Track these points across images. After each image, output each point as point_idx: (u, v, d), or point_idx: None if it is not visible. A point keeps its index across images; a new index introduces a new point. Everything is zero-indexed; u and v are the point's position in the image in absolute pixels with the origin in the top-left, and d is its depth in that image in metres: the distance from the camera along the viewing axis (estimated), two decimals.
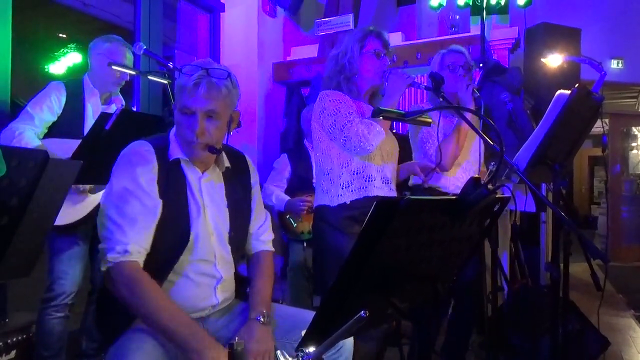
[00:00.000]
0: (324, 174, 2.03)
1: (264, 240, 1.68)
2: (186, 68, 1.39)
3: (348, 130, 1.89)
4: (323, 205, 2.01)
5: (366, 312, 0.83)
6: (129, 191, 1.35)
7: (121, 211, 1.33)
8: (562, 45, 3.44)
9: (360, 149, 1.90)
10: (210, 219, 1.48)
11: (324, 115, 1.97)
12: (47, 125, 2.22)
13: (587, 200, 11.59)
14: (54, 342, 2.17)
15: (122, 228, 1.32)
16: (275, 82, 4.30)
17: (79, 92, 2.29)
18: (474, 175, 1.05)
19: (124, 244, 1.31)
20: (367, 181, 1.98)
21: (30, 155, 1.13)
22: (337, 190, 1.98)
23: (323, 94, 2.02)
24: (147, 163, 1.38)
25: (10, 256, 1.15)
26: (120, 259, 1.31)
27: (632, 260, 6.49)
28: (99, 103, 2.34)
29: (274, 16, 4.34)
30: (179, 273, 1.43)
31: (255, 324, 1.42)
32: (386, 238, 0.92)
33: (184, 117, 1.39)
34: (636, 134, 7.64)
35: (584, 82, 2.14)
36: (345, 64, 2.02)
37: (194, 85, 1.35)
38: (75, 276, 2.21)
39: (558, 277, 1.94)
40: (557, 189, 1.96)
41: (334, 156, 2.00)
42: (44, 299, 2.18)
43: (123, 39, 2.39)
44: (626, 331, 3.57)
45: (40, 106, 2.19)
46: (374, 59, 2.01)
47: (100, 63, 2.32)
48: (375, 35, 2.03)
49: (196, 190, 1.47)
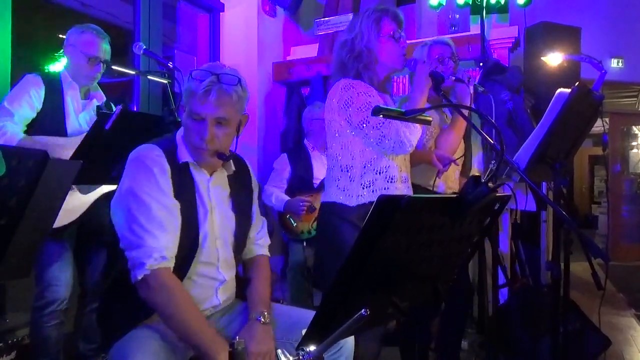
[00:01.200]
0: (341, 170, 1.88)
1: (262, 245, 1.69)
2: (196, 72, 1.37)
3: (387, 128, 1.76)
4: (337, 203, 1.87)
5: (367, 310, 0.83)
6: (152, 197, 1.33)
7: (148, 217, 1.31)
8: (562, 44, 3.43)
9: (399, 148, 1.79)
10: (217, 222, 1.48)
11: (351, 108, 1.80)
12: (27, 122, 2.09)
13: (588, 200, 11.58)
14: (50, 348, 2.11)
15: (153, 234, 1.30)
16: (275, 82, 4.29)
17: (57, 85, 2.17)
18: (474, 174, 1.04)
19: (160, 250, 1.30)
20: (389, 182, 1.87)
21: (29, 154, 1.13)
22: (357, 189, 1.85)
23: (347, 83, 1.84)
24: (162, 167, 1.37)
25: (10, 256, 1.15)
26: (158, 266, 1.30)
27: (633, 259, 6.48)
28: (78, 97, 2.23)
29: (274, 16, 4.34)
30: None
31: (256, 324, 1.42)
32: (387, 236, 0.92)
33: (194, 123, 1.38)
34: (636, 133, 7.63)
35: (584, 81, 2.13)
36: (362, 50, 1.86)
37: (204, 92, 1.34)
38: (67, 281, 2.13)
39: (559, 276, 1.94)
40: (558, 188, 1.96)
41: (357, 153, 1.86)
42: (35, 308, 2.09)
43: (100, 29, 2.26)
44: (627, 330, 3.56)
45: (19, 102, 2.06)
46: (393, 43, 1.87)
47: (73, 54, 2.21)
48: (391, 17, 1.88)
49: (205, 194, 1.47)
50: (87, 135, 1.89)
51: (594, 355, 2.41)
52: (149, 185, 1.34)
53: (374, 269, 0.96)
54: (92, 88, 2.34)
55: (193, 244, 1.41)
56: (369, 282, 0.98)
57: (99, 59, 2.20)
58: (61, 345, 2.17)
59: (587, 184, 11.85)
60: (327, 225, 1.92)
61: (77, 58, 2.20)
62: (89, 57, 2.18)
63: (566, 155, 2.06)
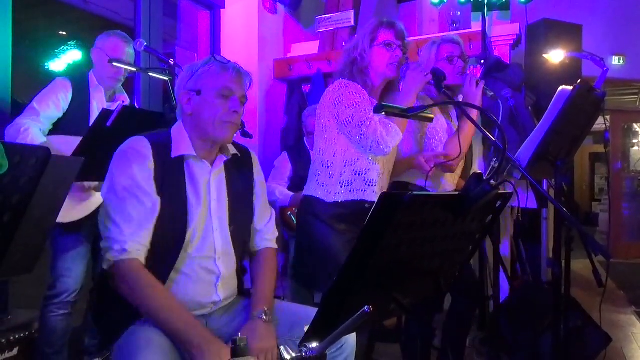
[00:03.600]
0: (322, 166, 1.96)
1: (269, 238, 1.68)
2: (219, 57, 1.47)
3: (367, 127, 1.82)
4: (315, 198, 1.95)
5: (369, 307, 0.83)
6: (126, 189, 1.36)
7: (119, 209, 1.35)
8: (564, 41, 3.42)
9: (377, 149, 1.84)
10: (215, 213, 1.48)
11: (340, 105, 1.88)
12: (52, 122, 2.20)
13: (588, 197, 11.59)
14: (56, 340, 2.17)
15: (119, 226, 1.34)
16: (275, 79, 4.29)
17: (85, 88, 2.29)
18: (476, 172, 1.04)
19: (122, 242, 1.33)
20: (367, 185, 1.93)
21: (32, 152, 1.13)
22: (335, 187, 1.92)
23: (341, 82, 1.93)
24: (143, 159, 1.39)
25: (13, 253, 1.15)
26: (119, 258, 1.32)
27: (633, 256, 6.50)
28: (104, 100, 2.33)
29: (275, 13, 4.33)
30: (177, 270, 1.43)
31: (258, 321, 1.43)
32: (389, 232, 0.92)
33: (222, 99, 1.44)
34: (637, 130, 7.64)
35: (585, 79, 2.13)
36: (357, 57, 1.95)
37: (233, 70, 1.46)
38: (79, 274, 2.20)
39: (559, 273, 1.94)
40: (559, 185, 1.96)
41: (339, 151, 1.93)
42: (46, 297, 2.18)
43: (126, 35, 2.38)
44: (627, 327, 3.57)
45: (47, 102, 2.17)
46: (385, 51, 1.94)
47: (98, 58, 2.32)
48: (386, 26, 1.96)
49: (203, 185, 1.47)
50: (89, 132, 1.92)
51: (594, 353, 2.41)
52: (124, 178, 1.37)
53: (377, 265, 0.96)
54: (117, 90, 2.43)
55: (179, 238, 1.41)
56: (371, 278, 0.98)
57: (121, 61, 2.29)
58: (68, 338, 2.21)
59: (588, 181, 11.85)
60: (303, 220, 2.00)
61: (102, 60, 2.30)
62: (112, 59, 2.26)
63: (568, 152, 2.06)
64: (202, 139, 1.47)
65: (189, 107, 1.46)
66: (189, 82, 1.47)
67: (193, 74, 1.46)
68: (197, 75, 1.46)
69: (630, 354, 3.03)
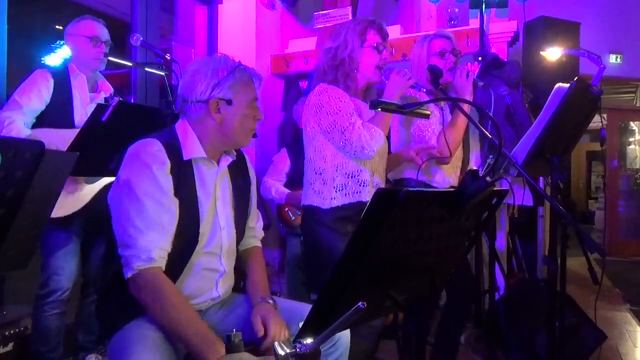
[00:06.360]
0: (315, 173, 1.96)
1: (258, 236, 1.72)
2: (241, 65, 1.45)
3: (350, 133, 1.83)
4: (314, 207, 1.95)
5: (364, 303, 0.83)
6: (149, 194, 1.32)
7: (141, 216, 1.30)
8: (561, 39, 3.41)
9: (361, 154, 1.85)
10: (222, 212, 1.49)
11: (321, 112, 1.88)
12: (36, 115, 2.13)
13: (585, 195, 11.61)
14: (51, 338, 2.14)
15: (145, 233, 1.30)
16: (273, 75, 4.27)
17: (65, 78, 2.21)
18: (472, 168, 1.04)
19: (148, 250, 1.30)
20: (361, 185, 1.93)
21: (26, 146, 1.13)
22: (330, 192, 1.91)
23: (321, 88, 1.91)
24: (162, 164, 1.35)
25: (7, 248, 1.15)
26: (145, 267, 1.29)
27: (629, 254, 6.52)
28: (86, 89, 2.26)
29: (272, 8, 4.32)
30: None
31: (266, 304, 1.46)
32: (384, 229, 0.91)
33: (251, 110, 1.46)
34: (634, 128, 7.66)
35: (582, 76, 2.13)
36: (345, 59, 1.92)
37: (257, 78, 1.48)
38: (71, 271, 2.16)
39: (555, 270, 1.94)
40: (555, 183, 1.96)
41: (329, 157, 1.93)
42: (39, 296, 2.13)
43: (95, 16, 2.31)
44: (622, 325, 3.58)
45: (29, 95, 2.09)
46: (375, 55, 1.93)
47: (76, 43, 2.24)
48: (376, 29, 1.95)
49: (212, 186, 1.47)
50: (84, 127, 1.90)
51: (589, 350, 2.43)
52: (145, 183, 1.32)
53: (372, 262, 0.96)
54: (98, 77, 2.36)
55: (192, 239, 1.41)
56: (366, 275, 0.98)
57: (99, 38, 2.23)
58: (62, 336, 2.19)
59: (584, 179, 11.87)
60: (307, 229, 2.01)
61: (79, 43, 2.23)
62: (90, 37, 2.21)
63: (564, 150, 2.06)
64: (220, 142, 1.46)
65: (217, 115, 1.42)
66: (216, 89, 1.40)
67: (220, 80, 1.40)
68: (228, 84, 1.41)
69: (625, 351, 3.04)
